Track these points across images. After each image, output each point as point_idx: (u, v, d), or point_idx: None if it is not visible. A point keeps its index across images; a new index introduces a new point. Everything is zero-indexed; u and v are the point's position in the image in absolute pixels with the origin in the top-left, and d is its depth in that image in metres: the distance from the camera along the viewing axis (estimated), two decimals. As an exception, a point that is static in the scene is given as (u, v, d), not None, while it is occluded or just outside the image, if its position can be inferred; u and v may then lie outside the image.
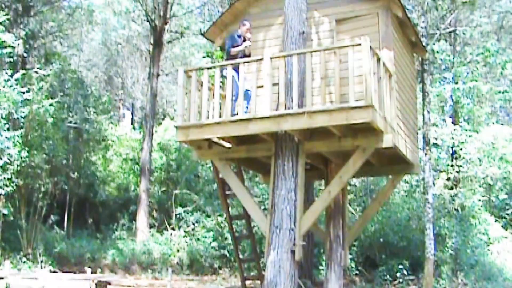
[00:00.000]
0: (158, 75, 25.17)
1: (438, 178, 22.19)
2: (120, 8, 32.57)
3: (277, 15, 11.97)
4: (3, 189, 18.14)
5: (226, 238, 20.81)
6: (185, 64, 34.65)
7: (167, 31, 26.31)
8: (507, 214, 23.49)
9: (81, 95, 25.89)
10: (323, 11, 11.83)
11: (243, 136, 10.71)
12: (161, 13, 25.05)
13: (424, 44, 15.32)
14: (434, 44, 21.23)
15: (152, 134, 24.69)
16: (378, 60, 9.97)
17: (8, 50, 19.04)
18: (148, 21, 25.71)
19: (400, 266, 17.44)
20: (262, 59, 10.29)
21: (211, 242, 21.18)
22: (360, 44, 9.53)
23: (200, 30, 29.01)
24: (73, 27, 31.28)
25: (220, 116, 10.73)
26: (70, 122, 24.22)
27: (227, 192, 12.89)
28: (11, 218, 20.16)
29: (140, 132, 29.61)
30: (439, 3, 20.42)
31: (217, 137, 10.91)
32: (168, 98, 39.37)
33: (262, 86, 10.32)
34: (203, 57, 28.06)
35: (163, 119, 33.55)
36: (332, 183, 10.33)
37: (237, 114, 10.44)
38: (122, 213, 26.15)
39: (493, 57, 24.93)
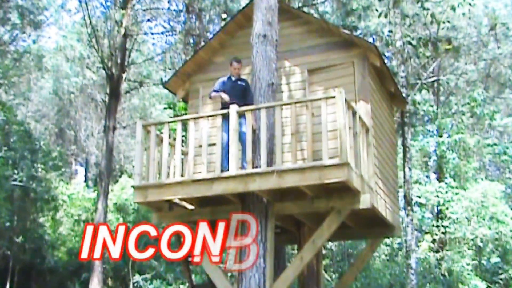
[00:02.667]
0: (114, 128, 25.15)
1: (422, 240, 22.36)
2: (73, 54, 32.80)
3: (244, 65, 12.12)
4: None
5: (189, 310, 20.57)
6: (144, 116, 34.77)
7: (125, 80, 26.43)
8: (500, 279, 23.61)
9: (29, 149, 25.73)
10: (294, 60, 12.07)
11: (207, 197, 10.72)
12: (119, 60, 25.20)
13: (404, 95, 15.64)
14: (415, 94, 21.67)
15: (108, 193, 24.52)
16: (354, 113, 10.11)
17: None
18: (104, 68, 25.82)
19: None
20: (228, 113, 10.38)
21: (173, 314, 20.95)
22: (334, 97, 9.64)
23: (161, 79, 29.25)
24: (20, 74, 31.29)
25: (181, 176, 10.75)
26: (15, 180, 23.98)
27: (190, 258, 12.79)
28: None
29: (94, 191, 29.42)
30: (420, 50, 20.90)
31: (179, 199, 10.90)
32: (126, 154, 39.28)
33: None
34: (165, 108, 28.20)
35: (120, 176, 33.42)
36: (305, 248, 10.32)
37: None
38: (73, 281, 25.73)
39: (480, 107, 25.52)
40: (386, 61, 21.54)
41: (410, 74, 21.26)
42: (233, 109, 10.30)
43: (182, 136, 11.17)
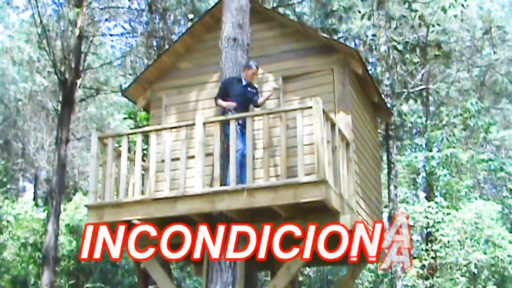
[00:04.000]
0: (68, 140, 25.04)
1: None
2: (21, 57, 32.67)
3: (213, 72, 12.23)
4: None
5: None
6: (101, 127, 34.69)
7: (79, 86, 26.33)
8: (497, 310, 23.83)
9: (-31, 163, 25.60)
10: (267, 67, 12.13)
11: (169, 218, 10.75)
12: (73, 64, 25.12)
13: (389, 105, 15.85)
14: (402, 104, 21.91)
15: (59, 213, 24.34)
16: (333, 125, 10.21)
17: None
18: (56, 73, 25.67)
19: None
20: (194, 124, 10.45)
21: None
22: (311, 107, 9.72)
23: (121, 86, 29.24)
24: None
25: (141, 194, 10.78)
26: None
27: (150, 287, 12.82)
28: None
29: (44, 211, 29.23)
30: (407, 56, 21.16)
31: (138, 219, 10.91)
32: (81, 169, 39.11)
33: (193, 156, 10.47)
34: (124, 118, 28.17)
35: (74, 194, 33.24)
36: (278, 275, 10.37)
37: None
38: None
39: (474, 119, 25.80)
40: (369, 68, 21.88)
41: (396, 82, 21.48)
42: (199, 119, 10.37)
43: (143, 150, 11.21)
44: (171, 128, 10.84)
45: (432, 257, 22.21)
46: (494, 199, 31.37)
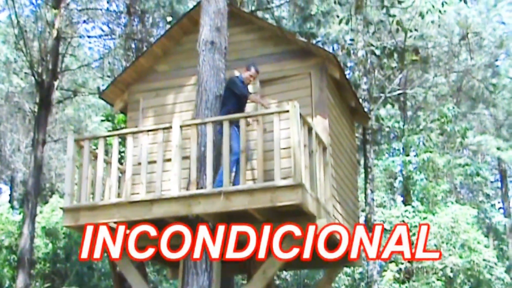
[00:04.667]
0: (44, 142, 24.90)
1: (386, 270, 22.56)
2: (-2, 57, 32.41)
3: (190, 75, 12.23)
4: None
5: None
6: (79, 129, 34.50)
7: (57, 88, 26.21)
8: (473, 313, 23.97)
9: None
10: (244, 70, 12.18)
11: (146, 221, 10.72)
12: (50, 66, 25.00)
13: (366, 110, 15.91)
14: (379, 109, 22.01)
15: (35, 215, 24.21)
16: (310, 129, 10.23)
17: None
18: (33, 75, 25.54)
19: None
20: (170, 127, 10.43)
21: None
22: (287, 111, 9.72)
23: (99, 88, 29.11)
24: None
25: (118, 196, 10.74)
26: None
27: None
28: None
29: (20, 213, 29.05)
30: (384, 61, 21.25)
31: (114, 222, 10.87)
32: (58, 171, 38.87)
33: (170, 160, 10.45)
34: (102, 121, 28.06)
35: (50, 196, 33.06)
36: (254, 279, 10.37)
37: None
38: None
39: (451, 124, 25.96)
40: (347, 72, 21.94)
41: (373, 86, 21.58)
42: (176, 122, 10.36)
43: (120, 153, 11.17)
44: (148, 131, 10.80)
45: (408, 261, 22.27)
46: (470, 203, 31.53)
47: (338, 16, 22.04)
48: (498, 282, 24.78)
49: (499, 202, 43.91)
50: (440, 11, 20.70)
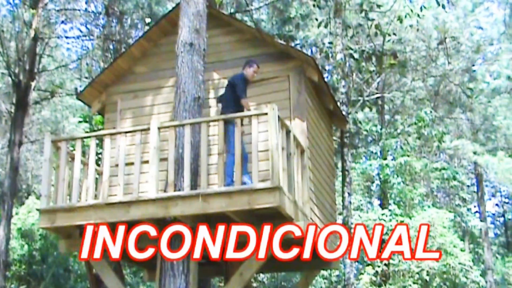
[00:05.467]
0: (21, 143, 24.76)
1: (364, 273, 22.63)
2: (-27, 57, 32.16)
3: (168, 76, 12.22)
4: None
5: None
6: (56, 130, 34.31)
7: (34, 88, 26.08)
8: (449, 316, 24.06)
9: None
10: (223, 72, 12.17)
11: (122, 223, 10.68)
12: (27, 66, 24.86)
13: (345, 113, 15.95)
14: (357, 112, 22.08)
15: (11, 217, 24.06)
16: (288, 132, 10.25)
17: None
18: (10, 75, 25.41)
19: None
20: (149, 129, 10.40)
21: None
22: (266, 113, 9.73)
23: (76, 89, 29.00)
24: None
25: (95, 198, 10.70)
26: None
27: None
28: None
29: (-5, 214, 28.84)
30: (363, 64, 21.34)
31: (91, 224, 10.81)
32: (34, 172, 38.63)
33: (148, 161, 10.42)
34: (79, 122, 27.97)
35: (27, 198, 32.83)
36: (231, 281, 10.37)
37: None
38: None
39: (428, 128, 26.08)
40: (325, 75, 22.01)
41: (351, 90, 21.61)
42: (154, 124, 10.34)
43: (97, 154, 11.12)
44: (126, 132, 10.77)
45: (385, 264, 22.35)
46: (446, 207, 31.71)
47: (317, 19, 22.16)
48: (474, 286, 24.91)
49: (475, 206, 44.21)
50: (418, 16, 20.86)
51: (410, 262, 22.87)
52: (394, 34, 23.36)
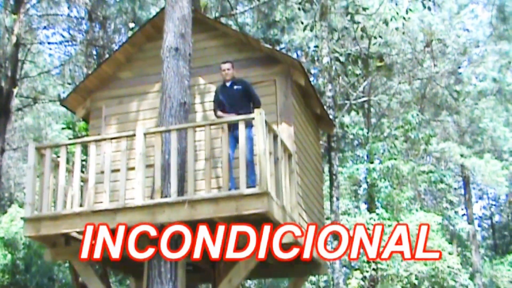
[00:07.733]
0: (3, 150, 24.71)
1: (352, 278, 22.64)
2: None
3: (154, 82, 12.19)
4: None
5: None
6: (39, 137, 34.14)
7: (16, 95, 26.02)
8: (438, 321, 24.11)
9: None
10: (209, 77, 12.17)
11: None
12: (9, 73, 24.80)
13: (331, 117, 15.95)
14: (344, 116, 22.11)
15: (-6, 225, 24.01)
16: (276, 137, 10.25)
17: None
18: (-9, 82, 25.36)
19: None
20: (134, 135, 10.37)
21: None
22: (253, 118, 9.75)
23: (59, 95, 28.90)
24: None
25: (80, 206, 10.64)
26: None
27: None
28: None
29: (-23, 224, 28.65)
30: (349, 68, 21.38)
31: (77, 232, 10.76)
32: (17, 180, 38.45)
33: (134, 168, 10.39)
34: (63, 128, 27.84)
35: (9, 206, 32.64)
36: (220, 287, 10.39)
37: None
38: None
39: (415, 131, 26.16)
40: (311, 79, 22.01)
41: (338, 93, 21.70)
42: (140, 130, 10.31)
43: (82, 161, 11.07)
44: (111, 138, 10.71)
45: (373, 269, 22.38)
46: (434, 210, 31.79)
47: (302, 23, 22.17)
48: (462, 289, 25.03)
49: (462, 209, 44.40)
50: (404, 18, 20.93)
51: (398, 266, 22.91)
52: (380, 37, 23.46)
